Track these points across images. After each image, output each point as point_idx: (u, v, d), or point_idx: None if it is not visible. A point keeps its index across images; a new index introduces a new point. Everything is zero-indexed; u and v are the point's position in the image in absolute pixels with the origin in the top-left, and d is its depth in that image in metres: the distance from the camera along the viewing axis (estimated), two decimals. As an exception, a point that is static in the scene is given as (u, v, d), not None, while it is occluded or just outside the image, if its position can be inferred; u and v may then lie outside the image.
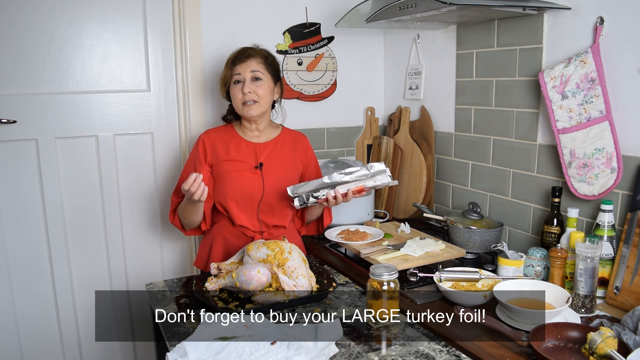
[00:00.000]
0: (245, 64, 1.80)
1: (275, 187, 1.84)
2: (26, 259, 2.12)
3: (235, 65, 1.81)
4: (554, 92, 1.72)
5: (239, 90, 1.80)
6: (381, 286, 1.36)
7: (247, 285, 1.44)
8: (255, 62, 1.81)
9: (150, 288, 1.63)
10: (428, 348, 1.22)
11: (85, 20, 2.10)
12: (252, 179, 1.83)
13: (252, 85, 1.79)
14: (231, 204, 1.82)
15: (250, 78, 1.80)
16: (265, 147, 1.88)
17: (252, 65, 1.80)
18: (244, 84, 1.79)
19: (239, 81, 1.81)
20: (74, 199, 2.18)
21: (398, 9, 1.90)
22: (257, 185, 1.83)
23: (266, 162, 1.85)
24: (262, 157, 1.86)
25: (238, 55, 1.83)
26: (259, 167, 1.84)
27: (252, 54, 1.82)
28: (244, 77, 1.80)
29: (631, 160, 1.59)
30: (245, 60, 1.80)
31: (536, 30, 1.84)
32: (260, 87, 1.81)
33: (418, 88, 2.48)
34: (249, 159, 1.85)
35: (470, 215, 1.98)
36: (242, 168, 1.83)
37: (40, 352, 2.20)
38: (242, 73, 1.80)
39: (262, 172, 1.84)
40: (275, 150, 1.89)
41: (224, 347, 1.20)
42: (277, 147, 1.90)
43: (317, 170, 2.02)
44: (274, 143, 1.90)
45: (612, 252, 1.57)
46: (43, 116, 2.08)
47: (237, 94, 1.81)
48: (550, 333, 1.28)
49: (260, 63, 1.82)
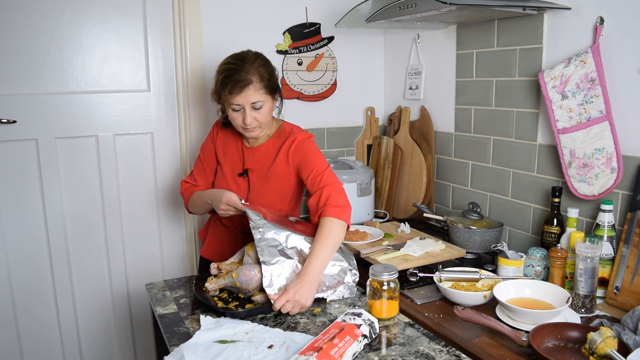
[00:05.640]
0: (244, 94, 1.59)
1: (259, 195, 1.77)
2: (26, 259, 2.13)
3: (233, 95, 1.59)
4: (554, 92, 1.72)
5: (239, 116, 1.64)
6: (381, 286, 1.36)
7: (247, 285, 1.44)
8: (253, 91, 1.59)
9: (150, 288, 1.63)
10: (428, 348, 1.22)
11: (85, 20, 2.10)
12: (237, 187, 1.79)
13: (253, 113, 1.63)
14: None
15: (250, 107, 1.62)
16: (252, 152, 1.78)
17: (252, 96, 1.59)
18: (244, 113, 1.62)
19: (237, 110, 1.63)
20: (74, 199, 2.18)
21: (398, 9, 1.90)
22: (241, 193, 1.77)
23: (252, 168, 1.78)
24: (248, 163, 1.78)
25: (234, 84, 1.58)
26: (244, 174, 1.78)
27: (249, 80, 1.58)
28: (244, 107, 1.62)
29: (631, 160, 1.59)
30: (243, 89, 1.58)
31: (536, 30, 1.84)
32: (261, 113, 1.64)
33: (418, 88, 2.48)
34: (237, 164, 1.81)
35: (470, 215, 1.98)
36: (231, 173, 1.81)
37: (40, 352, 2.20)
38: (242, 104, 1.61)
39: (248, 178, 1.79)
40: (262, 155, 1.77)
41: (222, 350, 1.19)
42: (264, 152, 1.78)
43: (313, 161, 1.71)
44: (262, 148, 1.78)
45: (612, 252, 1.57)
46: (43, 116, 2.08)
47: (236, 118, 1.65)
48: (550, 333, 1.28)
49: (259, 90, 1.60)
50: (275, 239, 1.46)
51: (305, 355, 1.08)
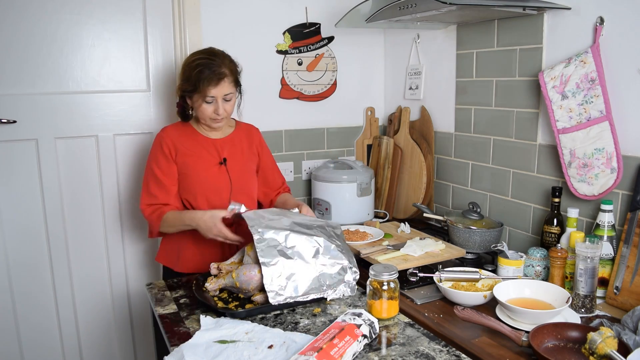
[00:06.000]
0: (219, 87, 1.74)
1: (241, 180, 1.90)
2: (26, 259, 2.12)
3: (209, 87, 1.72)
4: (554, 92, 1.72)
5: (209, 108, 1.77)
6: (381, 286, 1.36)
7: (247, 285, 1.44)
8: (227, 83, 1.75)
9: (150, 288, 1.63)
10: (428, 348, 1.22)
11: (85, 20, 2.10)
12: (218, 175, 1.86)
13: (224, 105, 1.78)
14: (201, 200, 1.84)
15: (222, 99, 1.76)
16: (224, 142, 1.90)
17: (226, 88, 1.75)
18: (217, 104, 1.76)
19: (210, 102, 1.76)
20: (74, 199, 2.18)
21: (398, 9, 1.90)
22: (223, 180, 1.86)
23: (228, 157, 1.89)
24: (224, 153, 1.88)
25: (211, 77, 1.72)
26: (223, 163, 1.87)
27: (224, 74, 1.74)
28: (216, 98, 1.76)
29: (631, 160, 1.59)
30: (219, 82, 1.73)
31: (536, 30, 1.84)
32: (229, 104, 1.80)
33: (418, 88, 2.48)
34: (212, 155, 1.87)
35: (470, 215, 1.98)
36: (207, 165, 1.85)
37: (40, 352, 2.20)
38: (216, 96, 1.75)
39: (226, 167, 1.87)
40: (234, 144, 1.92)
41: (222, 350, 1.19)
42: (235, 141, 1.93)
43: (271, 160, 2.06)
44: (231, 138, 1.92)
45: (612, 252, 1.57)
46: (43, 116, 2.08)
47: (206, 110, 1.77)
48: (550, 333, 1.28)
49: (230, 82, 1.77)
50: (275, 238, 1.47)
51: (305, 355, 1.08)
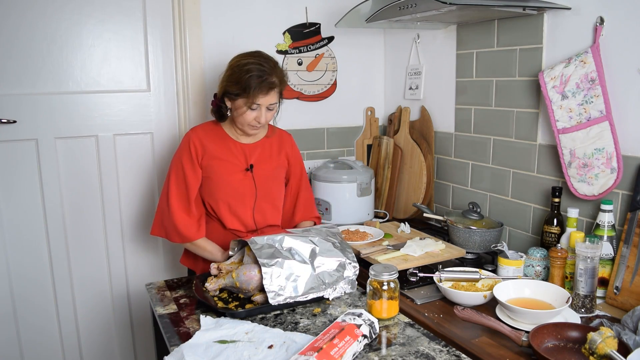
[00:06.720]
0: (268, 96, 1.70)
1: (266, 187, 1.86)
2: (26, 259, 2.12)
3: (257, 96, 1.68)
4: (554, 92, 1.72)
5: (251, 114, 1.73)
6: (381, 286, 1.36)
7: (247, 285, 1.44)
8: (275, 93, 1.72)
9: (150, 288, 1.63)
10: (428, 348, 1.22)
11: (85, 20, 2.10)
12: (244, 181, 1.82)
13: (266, 113, 1.74)
14: (223, 206, 1.82)
15: (266, 108, 1.73)
16: (254, 148, 1.86)
17: (273, 98, 1.72)
18: (260, 112, 1.72)
19: (254, 109, 1.72)
20: (74, 199, 2.18)
21: (398, 9, 1.90)
22: (249, 186, 1.83)
23: (256, 163, 1.85)
24: (252, 159, 1.84)
25: (263, 86, 1.67)
26: (249, 169, 1.83)
27: (274, 84, 1.70)
28: (261, 106, 1.72)
29: (631, 160, 1.59)
30: (269, 92, 1.70)
31: (536, 30, 1.84)
32: (271, 113, 1.77)
33: (418, 88, 2.48)
34: (239, 160, 1.83)
35: (470, 215, 1.98)
36: (233, 170, 1.81)
37: (40, 352, 2.20)
38: (262, 104, 1.71)
39: (252, 173, 1.83)
40: (264, 150, 1.88)
41: (222, 350, 1.19)
42: (265, 146, 1.89)
43: (302, 170, 2.00)
44: (262, 144, 1.88)
45: (612, 252, 1.57)
46: (43, 116, 2.08)
47: (248, 116, 1.73)
48: (550, 333, 1.28)
49: (278, 92, 1.74)
50: (270, 243, 1.48)
51: (305, 355, 1.08)
